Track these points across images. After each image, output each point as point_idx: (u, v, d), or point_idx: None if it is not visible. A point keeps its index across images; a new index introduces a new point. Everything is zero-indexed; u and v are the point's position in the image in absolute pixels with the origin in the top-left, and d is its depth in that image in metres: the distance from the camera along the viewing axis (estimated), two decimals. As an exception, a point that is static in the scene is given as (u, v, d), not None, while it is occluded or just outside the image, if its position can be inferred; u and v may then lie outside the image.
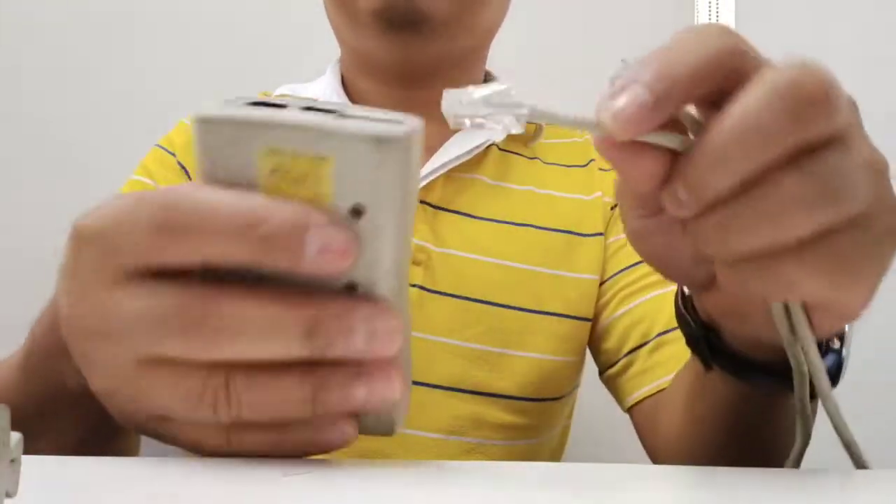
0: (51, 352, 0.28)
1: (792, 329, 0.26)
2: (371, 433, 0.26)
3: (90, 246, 0.23)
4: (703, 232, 0.22)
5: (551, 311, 0.56)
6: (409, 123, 0.22)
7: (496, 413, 0.54)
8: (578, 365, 0.60)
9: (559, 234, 0.58)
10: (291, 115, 0.21)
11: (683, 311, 0.32)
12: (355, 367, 0.22)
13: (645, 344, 0.54)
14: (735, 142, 0.21)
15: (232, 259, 0.21)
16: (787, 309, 0.26)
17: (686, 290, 0.32)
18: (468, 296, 0.54)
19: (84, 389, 0.25)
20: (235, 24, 1.02)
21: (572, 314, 0.56)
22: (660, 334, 0.53)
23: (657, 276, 0.55)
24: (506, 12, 0.61)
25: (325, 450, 0.24)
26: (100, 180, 0.62)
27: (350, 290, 0.23)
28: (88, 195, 0.25)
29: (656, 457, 0.51)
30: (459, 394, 0.53)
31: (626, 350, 0.55)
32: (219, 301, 0.21)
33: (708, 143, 0.21)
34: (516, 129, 0.22)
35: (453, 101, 0.22)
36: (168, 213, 0.21)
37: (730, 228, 0.22)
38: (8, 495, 0.16)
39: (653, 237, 0.27)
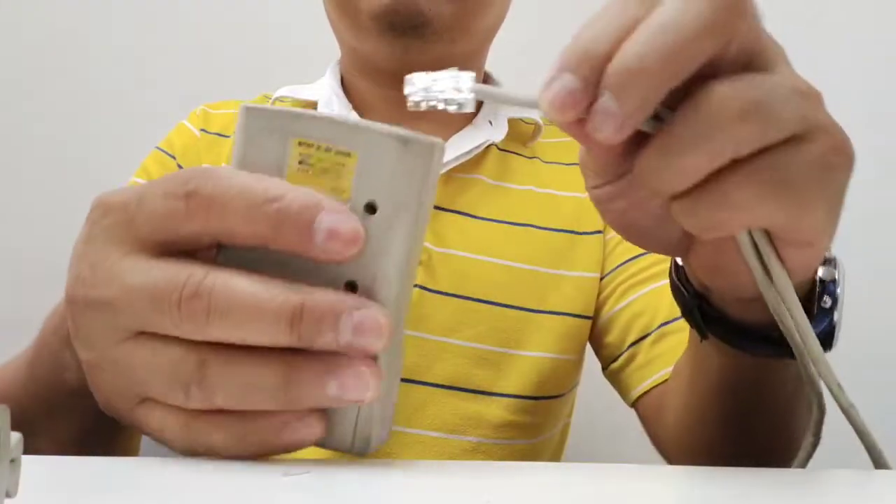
0: (56, 344, 0.29)
1: (765, 268, 0.26)
2: (343, 450, 0.24)
3: (110, 214, 0.24)
4: (644, 164, 0.23)
5: (552, 310, 0.56)
6: (434, 138, 0.23)
7: (497, 412, 0.54)
8: (579, 363, 0.60)
9: (559, 233, 0.58)
10: (325, 113, 0.23)
11: (677, 281, 0.32)
12: (332, 362, 0.22)
13: (646, 336, 0.54)
14: (626, 74, 0.21)
15: (244, 236, 0.22)
16: (756, 249, 0.26)
17: (679, 260, 0.32)
18: (469, 295, 0.54)
19: (82, 385, 0.26)
20: (236, 27, 1.01)
21: (573, 312, 0.57)
22: (661, 325, 0.53)
23: (657, 269, 0.56)
24: (505, 14, 0.61)
25: (289, 448, 0.24)
26: (100, 182, 0.62)
27: (349, 289, 0.23)
28: (89, 197, 0.25)
29: (664, 448, 0.50)
30: (460, 393, 0.53)
31: (628, 343, 0.55)
32: (212, 278, 0.22)
33: (617, 65, 0.22)
34: (468, 108, 0.24)
35: (408, 85, 0.24)
36: (188, 185, 0.22)
37: (668, 152, 0.22)
38: (8, 495, 0.16)
39: (615, 202, 0.28)
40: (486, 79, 0.65)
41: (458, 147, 0.57)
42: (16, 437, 0.16)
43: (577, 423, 0.64)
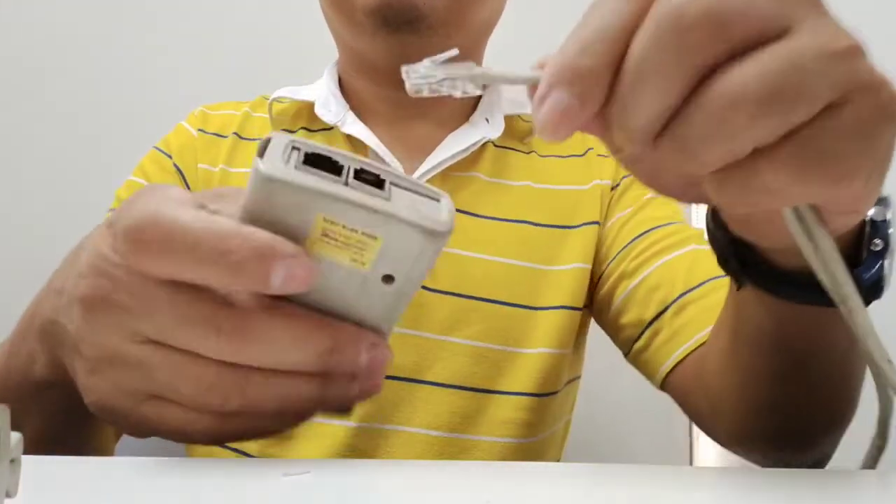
0: (30, 335, 0.30)
1: (808, 234, 0.24)
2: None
3: (119, 242, 0.25)
4: (662, 152, 0.21)
5: (548, 305, 0.56)
6: (447, 207, 0.25)
7: (497, 410, 0.54)
8: (578, 355, 0.60)
9: (553, 229, 0.58)
10: (350, 193, 0.23)
11: (712, 226, 0.30)
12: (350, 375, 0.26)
13: (666, 309, 0.52)
14: (635, 86, 0.20)
15: (205, 282, 0.23)
16: (798, 216, 0.24)
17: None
18: (468, 294, 0.54)
19: (47, 380, 0.27)
20: (235, 28, 1.01)
21: (568, 305, 0.56)
22: (680, 296, 0.52)
23: (665, 243, 0.55)
24: (502, 9, 0.61)
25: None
26: (99, 182, 0.62)
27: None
28: (88, 197, 0.26)
29: (708, 417, 0.47)
30: (461, 391, 0.53)
31: (648, 318, 0.53)
32: (256, 315, 0.24)
33: (616, 93, 0.21)
34: (474, 91, 0.24)
35: (411, 73, 0.24)
36: (141, 234, 0.23)
37: (683, 147, 0.21)
38: (8, 495, 0.16)
39: (638, 164, 0.26)
40: None
41: (455, 145, 0.57)
42: (16, 437, 0.16)
43: (578, 421, 0.64)
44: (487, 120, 0.61)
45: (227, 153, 0.60)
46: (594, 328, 0.62)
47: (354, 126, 0.58)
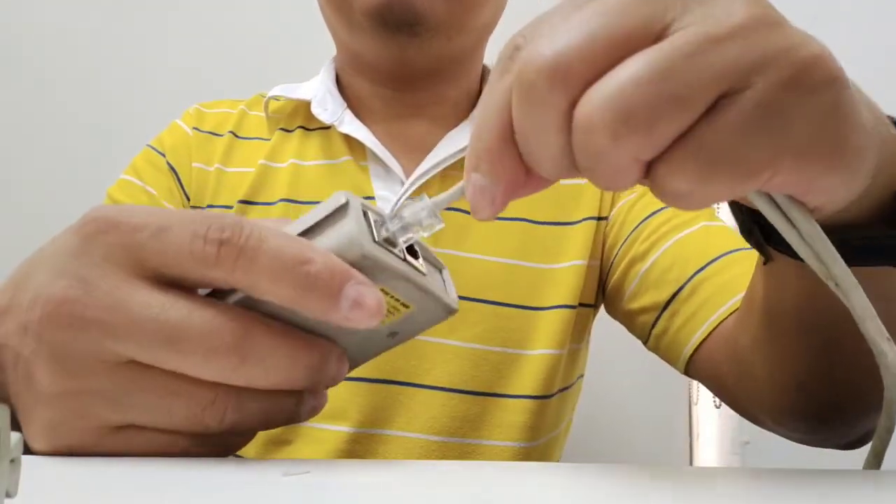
0: None
1: (785, 216, 0.23)
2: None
3: (113, 233, 0.23)
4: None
5: (548, 305, 0.56)
6: (449, 280, 0.27)
7: (499, 414, 0.54)
8: (580, 354, 0.60)
9: (552, 226, 0.58)
10: (409, 271, 0.24)
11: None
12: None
13: (681, 289, 0.51)
14: (526, 150, 0.21)
15: (268, 293, 0.22)
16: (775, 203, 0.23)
17: None
18: (466, 296, 0.54)
19: None
20: (232, 26, 1.01)
21: (568, 304, 0.56)
22: (694, 275, 0.51)
23: (675, 222, 0.54)
24: (502, 10, 0.61)
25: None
26: (98, 182, 0.62)
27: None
28: (86, 197, 0.25)
29: (741, 399, 0.45)
30: (460, 395, 0.53)
31: (663, 301, 0.52)
32: (255, 331, 0.23)
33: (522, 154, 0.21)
34: (438, 224, 0.25)
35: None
36: (223, 232, 0.22)
37: (583, 169, 0.20)
38: (8, 495, 0.16)
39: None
40: (484, 73, 0.65)
41: (453, 144, 0.57)
42: (16, 437, 0.16)
43: (578, 421, 0.64)
44: None
45: (223, 152, 0.59)
46: (596, 326, 0.62)
47: (352, 125, 0.58)
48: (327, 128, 0.59)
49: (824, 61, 0.19)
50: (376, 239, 0.24)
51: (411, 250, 0.25)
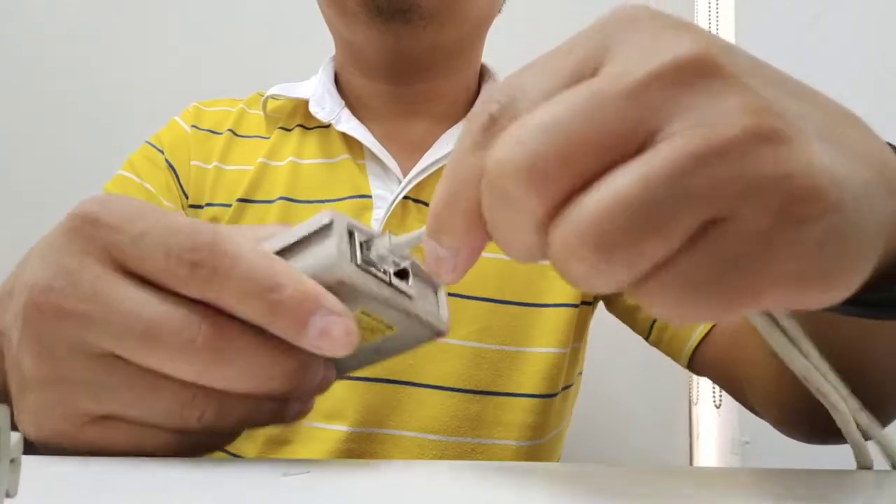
0: None
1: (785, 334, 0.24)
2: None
3: (96, 228, 0.23)
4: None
5: (548, 303, 0.56)
6: (444, 301, 0.27)
7: (498, 412, 0.54)
8: (579, 352, 0.60)
9: None
10: (394, 297, 0.24)
11: None
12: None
13: None
14: (498, 241, 0.20)
15: (239, 313, 0.22)
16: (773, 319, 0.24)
17: None
18: (461, 293, 0.54)
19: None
20: (231, 25, 1.01)
21: (569, 302, 0.56)
22: None
23: None
24: (499, 6, 0.61)
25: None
26: (97, 181, 0.62)
27: None
28: (85, 195, 0.25)
29: (747, 395, 0.44)
30: (459, 394, 0.53)
31: None
32: (229, 334, 0.22)
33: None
34: (404, 262, 0.25)
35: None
36: (196, 252, 0.22)
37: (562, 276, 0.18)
38: (8, 495, 0.16)
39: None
40: (483, 72, 0.65)
41: (451, 142, 0.57)
42: (16, 437, 0.16)
43: (578, 421, 0.64)
44: None
45: (222, 150, 0.59)
46: (595, 324, 0.62)
47: (349, 124, 0.58)
48: (326, 126, 0.59)
49: (821, 192, 0.17)
50: (359, 262, 0.23)
51: (401, 270, 0.25)
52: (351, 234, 0.23)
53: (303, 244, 0.24)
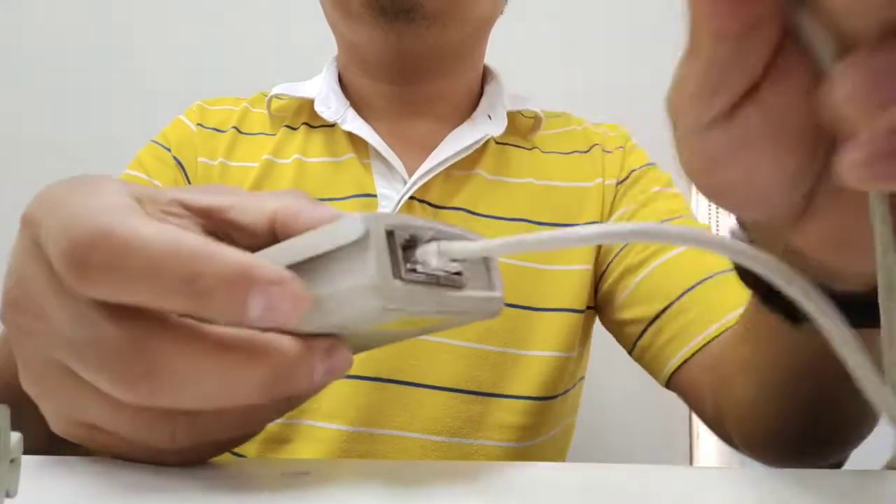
0: None
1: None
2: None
3: (31, 229, 0.21)
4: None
5: (550, 307, 0.56)
6: (498, 279, 0.23)
7: (498, 414, 0.54)
8: (580, 358, 0.60)
9: (553, 227, 0.58)
10: (443, 304, 0.20)
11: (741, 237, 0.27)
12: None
13: (670, 306, 0.51)
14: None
15: (166, 308, 0.19)
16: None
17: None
18: None
19: None
20: (234, 25, 1.02)
21: (571, 307, 0.56)
22: (684, 293, 0.51)
23: None
24: (502, 7, 0.61)
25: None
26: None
27: None
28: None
29: (718, 420, 0.45)
30: (460, 395, 0.53)
31: (651, 315, 0.53)
32: (167, 350, 0.19)
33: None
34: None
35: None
36: (90, 252, 0.18)
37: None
38: (8, 495, 0.16)
39: (725, 153, 0.17)
40: (485, 73, 0.65)
41: (457, 143, 0.57)
42: (16, 437, 0.16)
43: (578, 421, 0.64)
44: (490, 116, 0.60)
45: (227, 147, 0.60)
46: (596, 327, 0.62)
47: (355, 123, 0.58)
48: (331, 126, 0.60)
49: None
50: (403, 275, 0.19)
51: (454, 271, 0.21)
52: (389, 236, 0.19)
53: (329, 258, 0.19)
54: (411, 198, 0.56)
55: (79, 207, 0.19)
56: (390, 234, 0.19)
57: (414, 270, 0.19)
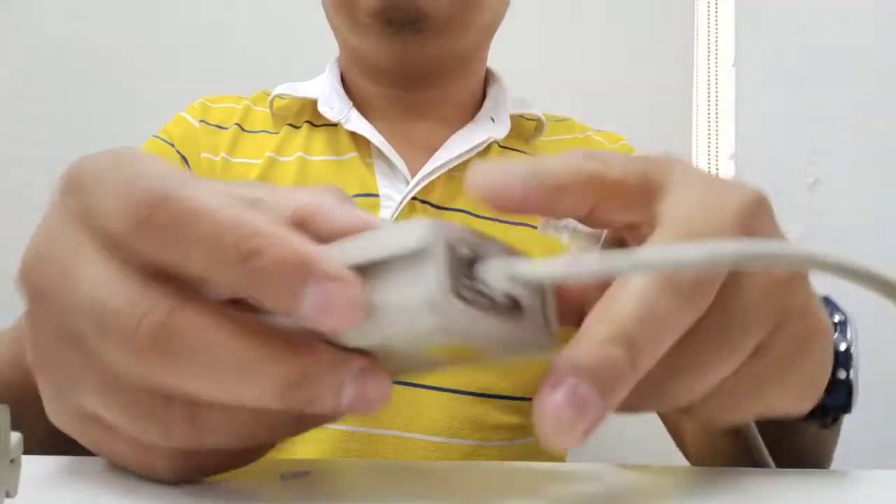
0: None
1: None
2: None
3: (73, 190, 0.20)
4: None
5: None
6: (552, 310, 0.21)
7: (497, 414, 0.54)
8: None
9: None
10: (503, 335, 0.19)
11: None
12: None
13: None
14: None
15: (218, 281, 0.18)
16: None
17: None
18: None
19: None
20: (235, 25, 1.02)
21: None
22: None
23: None
24: (504, 11, 0.61)
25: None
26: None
27: None
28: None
29: (680, 442, 0.47)
30: (459, 395, 0.53)
31: None
32: (190, 322, 0.17)
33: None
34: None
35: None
36: (144, 211, 0.18)
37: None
38: (8, 495, 0.16)
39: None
40: (488, 76, 0.65)
41: (460, 145, 0.57)
42: (16, 437, 0.16)
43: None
44: (493, 119, 0.60)
45: (229, 143, 0.60)
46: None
47: (358, 123, 0.58)
48: (334, 125, 0.60)
49: (824, 324, 0.22)
50: (462, 293, 0.17)
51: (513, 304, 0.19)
52: (451, 249, 0.18)
53: (390, 266, 0.18)
54: (413, 198, 0.56)
55: (142, 169, 0.18)
56: (452, 247, 0.18)
57: (475, 290, 0.18)
